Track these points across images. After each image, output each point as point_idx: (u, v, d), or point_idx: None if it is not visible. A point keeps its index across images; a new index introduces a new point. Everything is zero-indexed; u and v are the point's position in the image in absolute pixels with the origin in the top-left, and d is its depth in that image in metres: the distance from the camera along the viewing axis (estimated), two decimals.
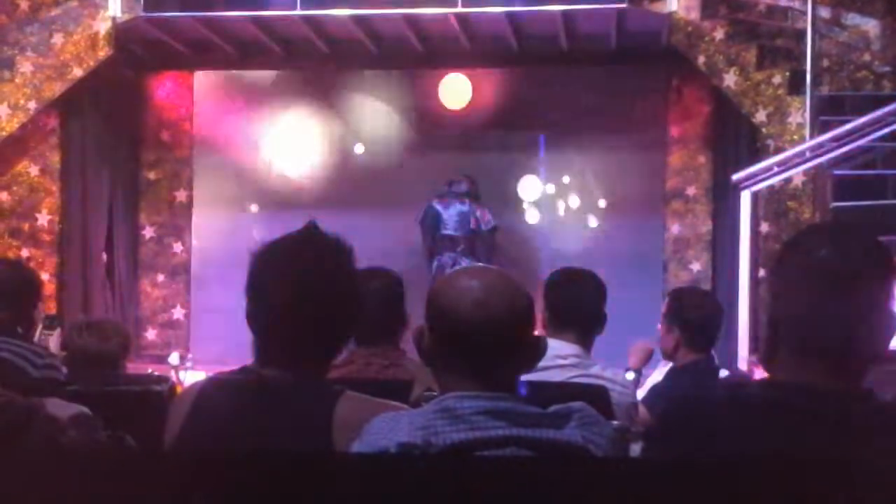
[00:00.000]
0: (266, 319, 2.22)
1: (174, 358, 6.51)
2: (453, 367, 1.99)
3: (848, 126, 6.69)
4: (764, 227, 7.87)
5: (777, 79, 7.75)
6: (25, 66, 8.43)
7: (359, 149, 9.56)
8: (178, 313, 9.65)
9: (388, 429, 1.92)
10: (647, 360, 4.22)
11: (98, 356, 4.02)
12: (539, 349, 2.04)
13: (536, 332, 2.08)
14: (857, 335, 1.80)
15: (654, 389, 4.04)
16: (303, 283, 2.19)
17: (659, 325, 4.11)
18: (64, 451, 1.99)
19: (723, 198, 8.64)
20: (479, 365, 1.96)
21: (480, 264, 2.63)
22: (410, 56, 9.03)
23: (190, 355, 8.76)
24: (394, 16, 8.32)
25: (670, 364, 4.14)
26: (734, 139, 8.71)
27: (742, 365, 6.15)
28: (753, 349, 6.27)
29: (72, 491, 1.54)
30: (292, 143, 9.56)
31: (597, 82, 9.22)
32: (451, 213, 8.55)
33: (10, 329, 3.76)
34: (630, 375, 3.97)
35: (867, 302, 1.80)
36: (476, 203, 8.58)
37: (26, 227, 8.83)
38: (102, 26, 8.38)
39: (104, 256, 9.26)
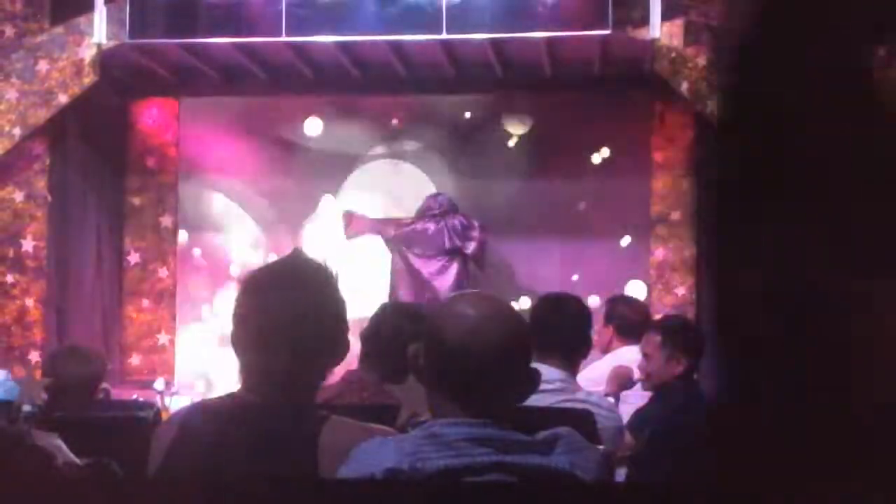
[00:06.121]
0: (251, 345, 2.23)
1: (159, 384, 6.51)
2: (444, 393, 2.00)
3: None
4: None
5: None
6: (10, 93, 8.42)
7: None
8: (163, 339, 9.61)
9: (374, 454, 1.92)
10: (625, 385, 4.24)
11: (82, 381, 4.03)
12: (532, 381, 2.05)
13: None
14: None
15: (639, 414, 4.05)
16: (288, 309, 2.20)
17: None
18: (50, 479, 1.99)
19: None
20: (469, 393, 1.97)
21: (477, 291, 2.62)
22: (395, 82, 9.06)
23: (175, 381, 8.73)
24: (379, 42, 8.36)
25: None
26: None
27: None
28: None
29: None
30: (277, 170, 9.55)
31: (581, 108, 9.25)
32: (425, 236, 8.52)
33: None
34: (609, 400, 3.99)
35: None
36: (450, 215, 8.54)
37: (11, 252, 8.79)
38: (88, 53, 8.38)
39: (89, 282, 9.23)
